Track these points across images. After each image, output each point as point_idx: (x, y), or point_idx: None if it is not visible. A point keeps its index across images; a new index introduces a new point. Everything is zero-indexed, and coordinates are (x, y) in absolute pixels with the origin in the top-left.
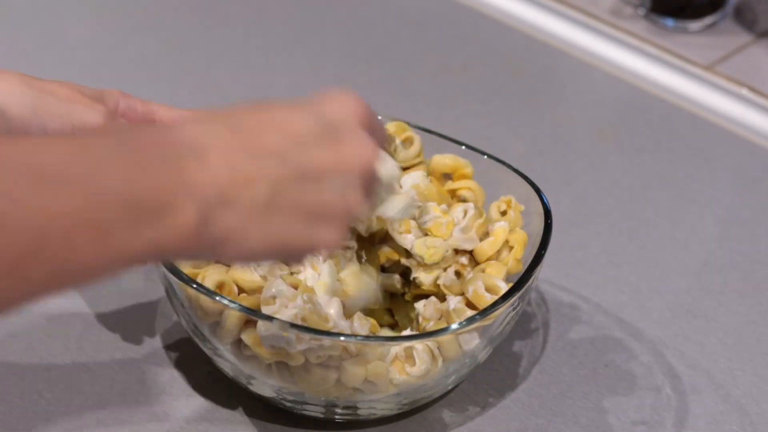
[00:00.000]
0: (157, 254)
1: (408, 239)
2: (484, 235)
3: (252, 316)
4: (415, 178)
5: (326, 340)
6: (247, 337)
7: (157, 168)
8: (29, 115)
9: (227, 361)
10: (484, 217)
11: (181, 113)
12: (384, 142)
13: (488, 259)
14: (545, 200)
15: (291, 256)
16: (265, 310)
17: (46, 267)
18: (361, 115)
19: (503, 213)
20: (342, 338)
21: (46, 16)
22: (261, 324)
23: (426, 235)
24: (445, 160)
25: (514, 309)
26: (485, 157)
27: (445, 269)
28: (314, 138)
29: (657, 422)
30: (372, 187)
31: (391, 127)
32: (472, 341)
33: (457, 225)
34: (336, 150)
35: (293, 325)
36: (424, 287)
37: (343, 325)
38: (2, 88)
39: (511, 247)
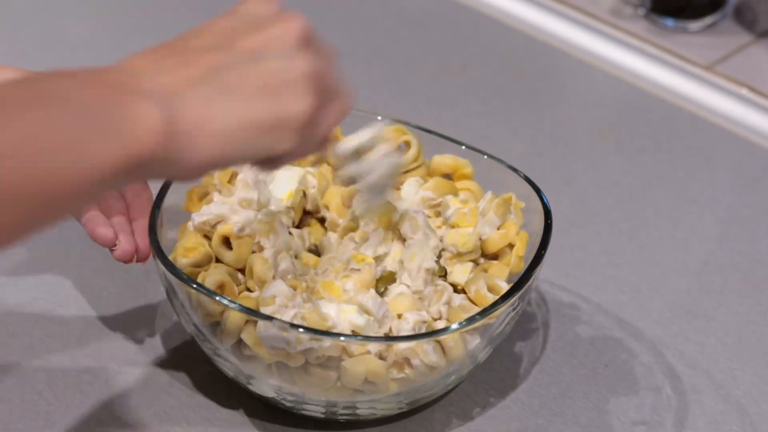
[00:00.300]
0: (135, 163)
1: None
2: (503, 217)
3: (252, 316)
4: (411, 185)
5: (326, 340)
6: (247, 337)
7: (105, 92)
8: None
9: (227, 362)
10: (502, 198)
11: None
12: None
13: (496, 253)
14: (545, 200)
15: (267, 134)
16: (265, 310)
17: (34, 186)
18: (277, 4)
19: None
20: (342, 338)
21: (46, 16)
22: (261, 324)
23: (453, 227)
24: (445, 160)
25: (514, 309)
26: (485, 157)
27: (476, 261)
28: (240, 29)
29: (657, 422)
30: (315, 46)
31: (389, 131)
32: (473, 341)
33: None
34: (265, 31)
35: (293, 325)
36: (459, 287)
37: (343, 326)
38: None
39: (512, 246)
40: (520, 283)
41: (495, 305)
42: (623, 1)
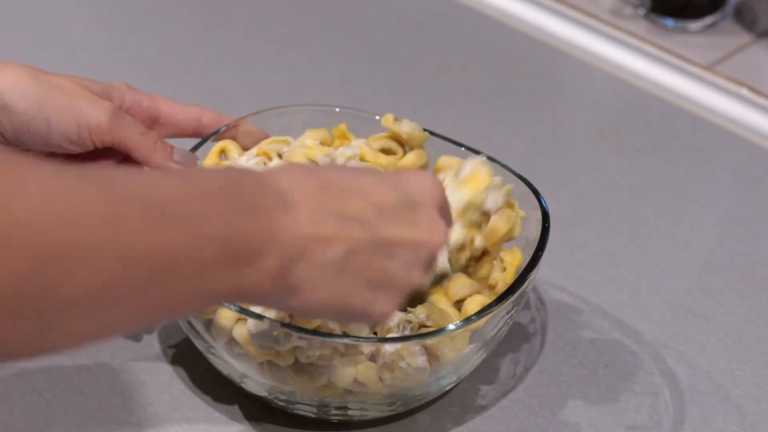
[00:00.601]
0: (237, 297)
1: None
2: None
3: (242, 314)
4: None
5: (314, 339)
6: (238, 335)
7: (251, 216)
8: (34, 111)
9: (221, 360)
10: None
11: (185, 108)
12: (450, 225)
13: (504, 237)
14: (543, 203)
15: (346, 317)
16: (254, 308)
17: (152, 295)
18: (439, 198)
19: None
20: (330, 338)
21: (46, 16)
22: (251, 322)
23: None
24: (451, 162)
25: (508, 313)
26: (484, 158)
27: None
28: (394, 211)
29: (657, 422)
30: (432, 266)
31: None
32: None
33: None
34: (412, 226)
35: (283, 324)
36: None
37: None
38: (9, 81)
39: (504, 269)
40: (514, 286)
41: (488, 308)
42: (623, 1)
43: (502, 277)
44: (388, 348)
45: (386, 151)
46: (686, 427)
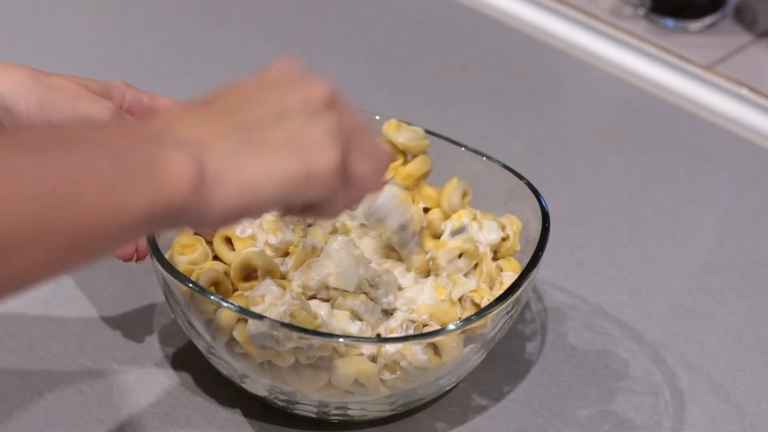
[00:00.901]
0: (165, 210)
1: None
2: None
3: (243, 314)
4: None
5: (315, 340)
6: (238, 335)
7: (136, 140)
8: (36, 111)
9: (221, 360)
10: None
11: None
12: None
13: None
14: (543, 203)
15: (298, 186)
16: (254, 309)
17: (67, 227)
18: (297, 70)
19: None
20: (330, 339)
21: (46, 16)
22: (251, 323)
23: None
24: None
25: (508, 313)
26: (484, 158)
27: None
28: (266, 90)
29: (657, 422)
30: (338, 106)
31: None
32: (466, 345)
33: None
34: (290, 93)
35: (283, 324)
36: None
37: (333, 325)
38: (11, 82)
39: (501, 282)
40: (514, 286)
41: (488, 308)
42: (623, 1)
43: (494, 295)
44: (390, 348)
45: None
46: (686, 427)
